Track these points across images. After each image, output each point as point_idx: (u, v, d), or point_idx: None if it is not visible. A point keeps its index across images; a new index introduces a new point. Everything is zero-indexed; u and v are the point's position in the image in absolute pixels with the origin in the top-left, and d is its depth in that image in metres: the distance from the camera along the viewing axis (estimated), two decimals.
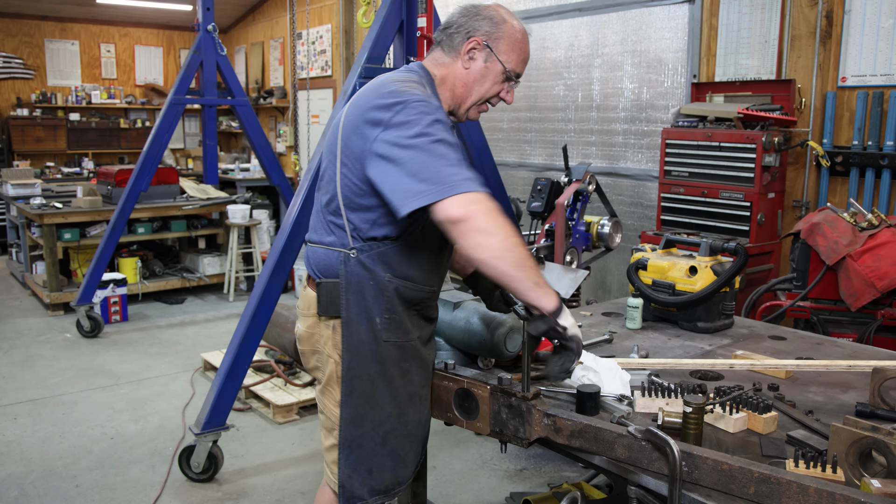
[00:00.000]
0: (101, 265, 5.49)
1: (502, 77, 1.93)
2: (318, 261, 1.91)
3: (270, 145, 6.27)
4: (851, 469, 1.49)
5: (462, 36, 1.91)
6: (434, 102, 1.76)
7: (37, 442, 3.78)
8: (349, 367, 1.88)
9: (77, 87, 9.84)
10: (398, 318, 1.87)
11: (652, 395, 1.88)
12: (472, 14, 1.93)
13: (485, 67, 1.91)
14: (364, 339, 1.86)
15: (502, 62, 1.91)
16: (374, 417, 1.89)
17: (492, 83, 1.93)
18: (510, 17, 1.95)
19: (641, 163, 5.06)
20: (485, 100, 1.96)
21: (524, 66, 1.98)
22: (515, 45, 1.93)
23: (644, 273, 2.75)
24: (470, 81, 1.93)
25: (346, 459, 1.92)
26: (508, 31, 1.91)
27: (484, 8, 1.93)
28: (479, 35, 1.90)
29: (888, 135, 3.71)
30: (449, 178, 1.61)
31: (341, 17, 7.92)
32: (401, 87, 1.77)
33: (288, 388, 4.27)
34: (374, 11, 3.66)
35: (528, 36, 1.97)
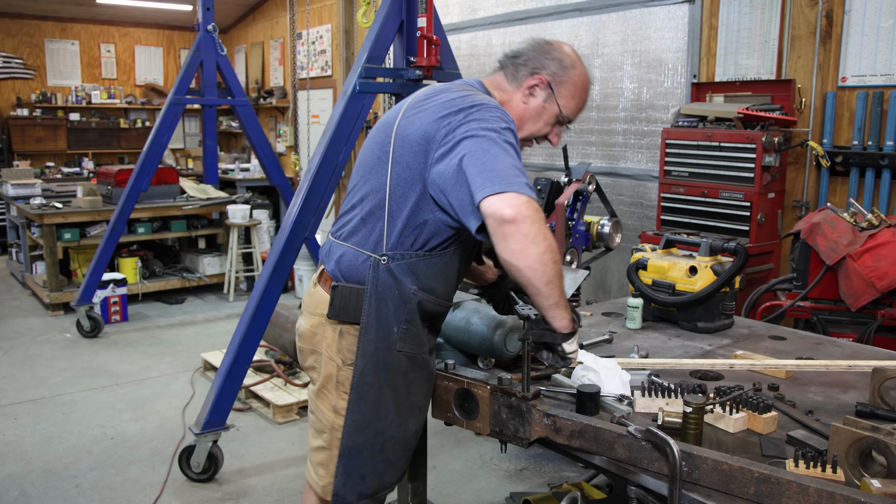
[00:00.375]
0: (101, 265, 5.49)
1: (555, 119, 1.92)
2: (347, 263, 1.86)
3: (270, 145, 6.27)
4: (851, 469, 1.49)
5: (528, 70, 1.91)
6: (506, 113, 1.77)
7: (37, 442, 3.78)
8: (362, 374, 1.86)
9: (77, 87, 9.84)
10: (415, 329, 1.87)
11: (652, 395, 1.88)
12: (544, 50, 1.91)
13: (542, 106, 1.91)
14: (379, 347, 1.85)
15: (560, 106, 1.90)
16: (377, 425, 1.89)
17: (544, 123, 1.93)
18: (579, 62, 1.92)
19: (641, 163, 5.06)
20: (533, 137, 1.95)
21: (579, 114, 1.96)
22: (577, 93, 1.91)
23: (644, 273, 2.75)
24: (525, 116, 1.92)
25: (344, 467, 1.91)
26: (574, 77, 1.90)
27: (557, 47, 1.91)
28: (545, 74, 1.89)
29: (888, 135, 3.71)
30: (513, 176, 1.62)
31: (341, 17, 7.92)
32: (474, 95, 1.79)
33: (288, 388, 4.27)
34: (374, 11, 3.66)
35: (592, 85, 1.96)
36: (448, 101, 1.77)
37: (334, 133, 3.25)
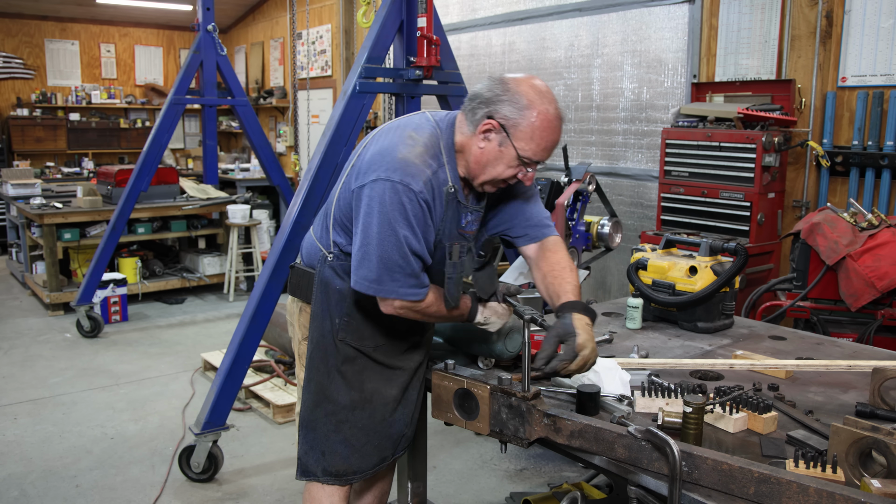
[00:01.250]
0: (101, 265, 5.49)
1: (517, 162, 1.84)
2: (308, 248, 2.08)
3: (270, 145, 6.27)
4: (851, 469, 1.49)
5: (482, 114, 1.83)
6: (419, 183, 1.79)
7: (37, 442, 3.78)
8: (311, 357, 2.03)
9: (77, 87, 9.84)
10: (355, 324, 1.98)
11: (652, 395, 1.88)
12: (497, 91, 1.82)
13: (499, 151, 1.83)
14: (325, 334, 2.00)
15: (517, 149, 1.81)
16: (327, 406, 2.01)
17: (505, 167, 1.85)
18: (540, 100, 1.80)
19: (641, 163, 5.06)
20: (499, 181, 1.89)
21: (547, 154, 1.85)
22: (535, 134, 1.80)
23: (644, 273, 2.75)
24: (483, 161, 1.86)
25: (304, 437, 2.06)
26: (531, 117, 1.78)
27: (513, 87, 1.80)
28: (498, 118, 1.81)
29: (888, 135, 3.71)
30: (383, 282, 1.81)
31: (341, 17, 7.92)
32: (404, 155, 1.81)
33: (288, 388, 4.27)
34: (374, 11, 3.66)
35: (561, 120, 1.85)
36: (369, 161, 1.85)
37: (334, 133, 3.25)
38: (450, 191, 1.87)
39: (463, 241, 1.95)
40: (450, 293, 1.92)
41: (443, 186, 1.86)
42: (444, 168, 1.87)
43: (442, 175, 1.86)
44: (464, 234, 1.98)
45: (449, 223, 1.91)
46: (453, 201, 1.89)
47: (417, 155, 1.82)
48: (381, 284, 1.82)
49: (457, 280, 1.95)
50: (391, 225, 1.77)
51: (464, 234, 1.98)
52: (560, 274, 2.00)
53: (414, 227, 1.79)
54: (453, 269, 1.92)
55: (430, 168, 1.83)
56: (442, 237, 1.90)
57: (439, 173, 1.85)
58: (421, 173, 1.80)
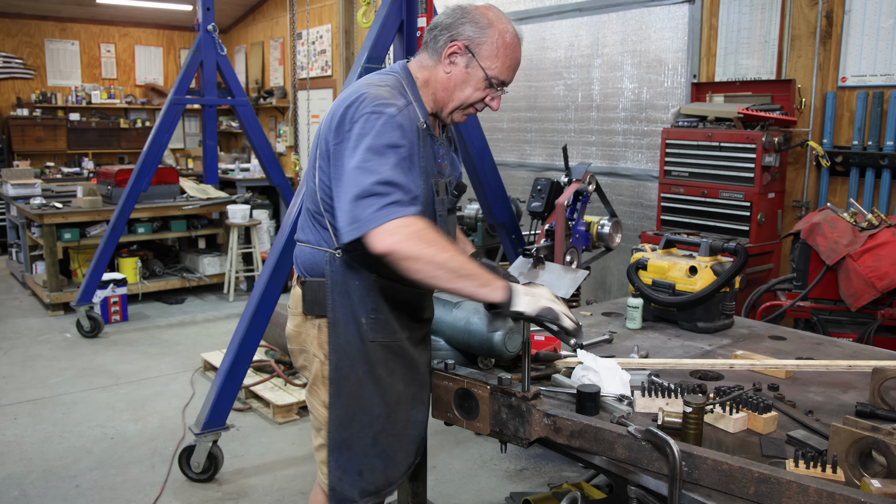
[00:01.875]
0: (101, 265, 5.49)
1: (484, 84, 1.86)
2: (305, 259, 1.93)
3: (270, 145, 6.27)
4: (851, 469, 1.49)
5: (445, 39, 1.86)
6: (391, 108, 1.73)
7: (37, 442, 3.78)
8: (336, 368, 1.88)
9: (77, 87, 9.84)
10: (384, 318, 1.88)
11: (652, 395, 1.88)
12: (457, 16, 1.86)
13: (465, 73, 1.85)
14: (351, 340, 1.87)
15: (483, 68, 1.84)
16: (362, 419, 1.89)
17: (473, 89, 1.87)
18: (499, 20, 1.86)
19: (641, 163, 5.06)
20: (467, 105, 1.90)
21: (512, 73, 1.89)
22: (500, 51, 1.84)
23: (644, 273, 2.75)
24: (451, 86, 1.88)
25: (336, 461, 1.91)
26: (493, 35, 1.83)
27: (472, 10, 1.86)
28: (462, 39, 1.84)
29: (888, 135, 3.71)
30: (370, 206, 1.63)
31: (341, 17, 7.92)
32: (368, 91, 1.77)
33: (288, 388, 4.27)
34: (374, 11, 3.66)
35: (520, 40, 1.89)
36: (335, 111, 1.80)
37: None
38: (422, 126, 1.84)
39: (440, 178, 1.93)
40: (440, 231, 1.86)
41: (415, 122, 1.82)
42: (411, 106, 1.84)
43: (412, 111, 1.83)
44: (440, 170, 1.94)
45: (427, 159, 1.88)
46: (427, 137, 1.87)
47: (386, 91, 1.79)
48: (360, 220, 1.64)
49: (444, 217, 1.93)
50: (361, 148, 1.68)
51: (440, 170, 1.94)
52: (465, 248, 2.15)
53: (395, 142, 1.70)
54: (442, 205, 1.91)
55: (400, 102, 1.79)
56: (426, 174, 1.87)
57: (410, 109, 1.82)
58: (392, 103, 1.75)
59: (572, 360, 2.19)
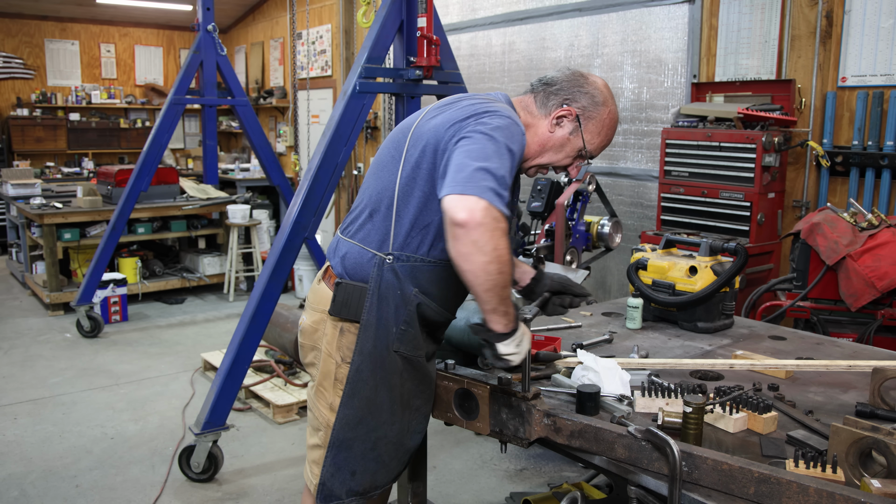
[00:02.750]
0: (101, 265, 5.49)
1: (577, 153, 1.93)
2: (351, 259, 1.88)
3: (270, 145, 6.27)
4: (851, 469, 1.49)
5: (559, 99, 1.90)
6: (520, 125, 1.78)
7: (37, 442, 3.78)
8: (358, 370, 1.87)
9: (77, 87, 9.84)
10: (414, 332, 1.88)
11: (652, 395, 1.88)
12: (577, 83, 1.91)
13: (567, 138, 1.91)
14: (378, 346, 1.86)
15: (585, 141, 1.90)
16: (370, 422, 1.90)
17: (566, 155, 1.93)
18: (611, 99, 1.93)
19: (641, 163, 5.06)
20: (551, 166, 1.96)
21: (602, 150, 1.97)
22: (604, 130, 1.92)
23: (644, 273, 2.75)
24: (548, 145, 1.92)
25: (333, 459, 1.93)
26: (604, 114, 1.91)
27: (591, 81, 1.91)
28: (576, 107, 1.89)
29: (888, 135, 3.71)
30: (482, 179, 1.59)
31: (341, 17, 7.92)
32: (493, 104, 1.81)
33: (288, 388, 4.27)
34: (374, 11, 3.66)
35: (618, 124, 1.97)
36: (465, 107, 1.79)
37: (334, 133, 3.25)
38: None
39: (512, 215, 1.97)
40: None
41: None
42: None
43: None
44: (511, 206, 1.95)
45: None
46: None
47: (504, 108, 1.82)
48: (474, 183, 1.59)
49: (512, 236, 1.94)
50: (497, 141, 1.67)
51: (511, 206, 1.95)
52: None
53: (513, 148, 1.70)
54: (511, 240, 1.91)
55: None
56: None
57: None
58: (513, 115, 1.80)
59: (572, 360, 2.19)
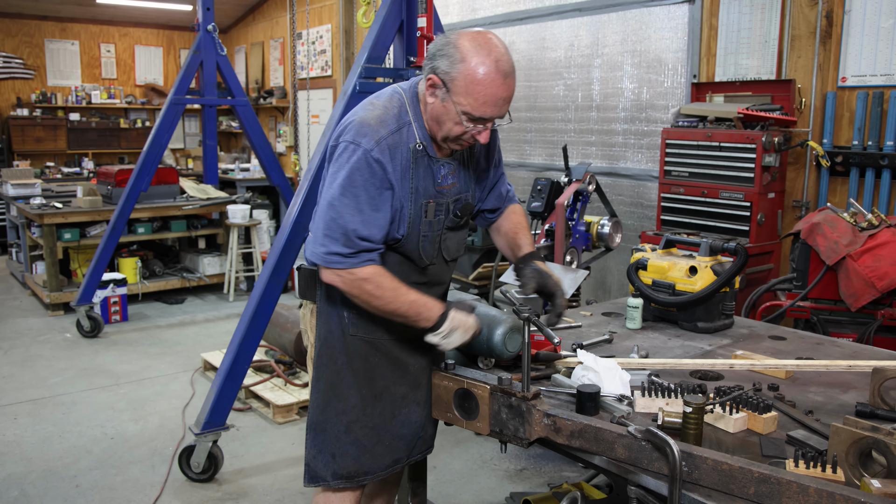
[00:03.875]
0: (101, 265, 5.49)
1: (462, 118, 1.79)
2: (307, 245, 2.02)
3: (270, 145, 6.27)
4: (851, 469, 1.49)
5: (427, 70, 1.82)
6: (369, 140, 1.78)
7: (37, 442, 3.78)
8: (319, 355, 1.99)
9: (77, 87, 9.84)
10: (367, 314, 1.92)
11: (652, 395, 1.88)
12: (438, 46, 1.81)
13: (443, 107, 1.80)
14: (333, 331, 1.97)
15: (455, 103, 1.77)
16: (337, 405, 1.98)
17: (453, 123, 1.81)
18: (474, 52, 1.74)
19: (641, 163, 5.06)
20: (452, 138, 1.85)
21: (491, 108, 1.78)
22: (471, 88, 1.74)
23: (644, 273, 2.75)
24: (435, 118, 1.85)
25: (312, 441, 2.02)
26: (465, 71, 1.74)
27: (452, 41, 1.78)
28: (438, 73, 1.78)
29: (888, 135, 3.71)
30: (319, 249, 1.81)
31: (341, 17, 7.92)
32: (357, 117, 1.84)
33: (288, 388, 4.27)
34: (374, 11, 3.66)
35: (501, 72, 1.76)
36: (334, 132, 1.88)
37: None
38: (417, 147, 1.85)
39: (440, 199, 1.93)
40: (424, 251, 1.95)
41: (408, 143, 1.85)
42: (409, 126, 1.86)
43: (407, 133, 1.86)
44: (442, 190, 1.94)
45: (423, 180, 1.88)
46: (423, 157, 1.87)
47: (374, 117, 1.83)
48: (318, 252, 1.82)
49: (432, 238, 1.95)
50: (332, 184, 1.81)
51: (442, 190, 1.94)
52: (518, 231, 2.17)
53: (356, 187, 1.78)
54: (429, 227, 1.92)
55: (387, 128, 1.82)
56: (417, 195, 1.88)
57: (402, 132, 1.85)
58: (374, 133, 1.80)
59: (572, 360, 2.19)
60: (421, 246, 1.93)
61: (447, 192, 1.96)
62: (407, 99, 1.89)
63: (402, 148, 1.84)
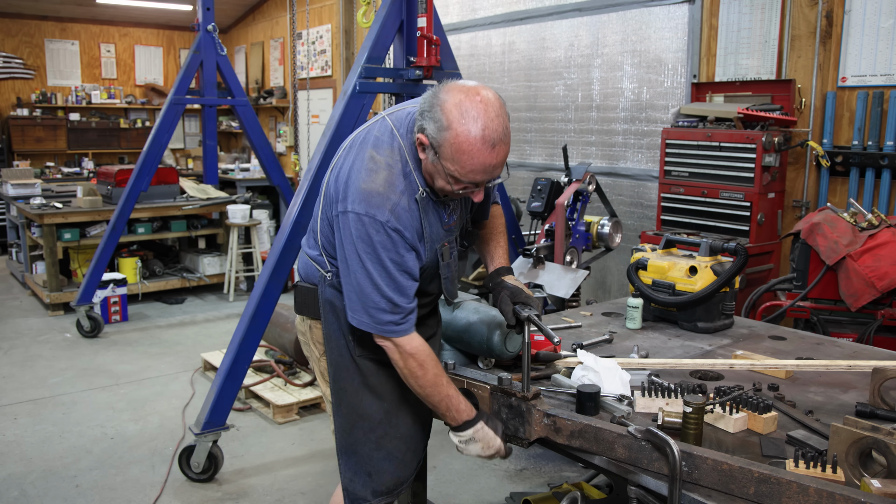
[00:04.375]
0: (101, 265, 5.49)
1: (452, 180, 1.72)
2: (303, 267, 2.03)
3: (270, 145, 6.27)
4: (851, 469, 1.49)
5: (417, 126, 1.74)
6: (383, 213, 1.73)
7: (37, 442, 3.78)
8: (335, 380, 1.98)
9: (77, 87, 9.84)
10: (369, 337, 1.87)
11: (652, 395, 1.88)
12: (427, 105, 1.71)
13: (433, 166, 1.73)
14: (343, 354, 1.95)
15: (444, 168, 1.70)
16: (363, 425, 1.96)
17: (444, 181, 1.74)
18: (460, 120, 1.64)
19: (641, 163, 5.06)
20: (447, 193, 1.78)
21: (478, 175, 1.70)
22: (457, 157, 1.67)
23: (644, 273, 2.75)
24: (428, 172, 1.78)
25: (346, 464, 2.00)
26: (450, 139, 1.65)
27: (440, 102, 1.68)
28: (425, 135, 1.70)
29: (888, 135, 3.71)
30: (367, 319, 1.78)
31: (341, 17, 7.92)
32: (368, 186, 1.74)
33: (288, 388, 4.27)
34: (374, 11, 3.66)
35: (488, 140, 1.66)
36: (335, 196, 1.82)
37: (334, 133, 3.25)
38: (421, 196, 1.79)
39: (449, 237, 1.93)
40: (448, 291, 1.96)
41: (414, 195, 1.79)
42: (411, 177, 1.79)
43: (411, 186, 1.79)
44: (450, 228, 1.93)
45: (433, 226, 1.85)
46: (428, 203, 1.82)
47: (381, 182, 1.75)
48: (376, 323, 1.78)
49: (452, 278, 1.96)
50: (361, 260, 1.75)
51: (450, 228, 1.93)
52: (493, 238, 2.17)
53: (384, 260, 1.74)
54: (447, 268, 1.92)
55: (396, 190, 1.76)
56: (432, 243, 1.86)
57: (408, 187, 1.78)
58: (385, 202, 1.73)
59: (572, 360, 2.19)
60: (444, 286, 1.95)
61: (454, 229, 1.96)
62: (405, 145, 1.81)
63: (410, 205, 1.78)
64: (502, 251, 2.15)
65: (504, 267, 2.09)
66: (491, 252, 2.15)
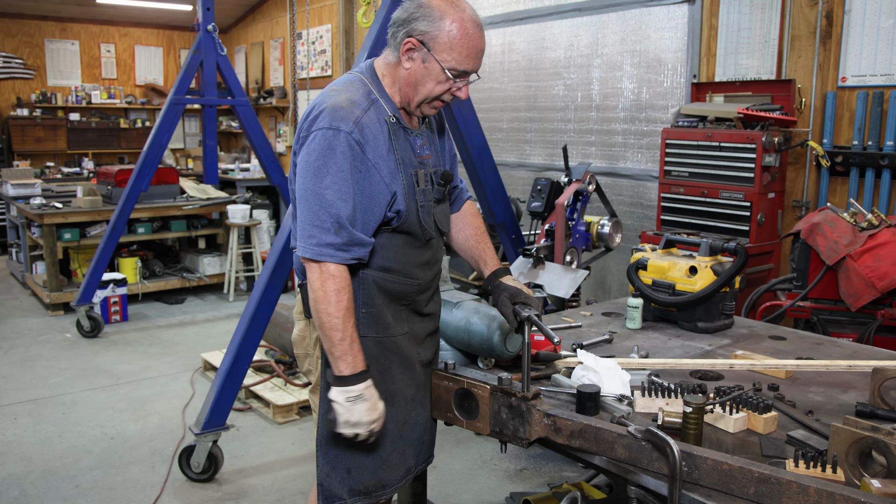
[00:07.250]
0: (101, 265, 5.49)
1: (444, 76, 1.83)
2: (298, 263, 1.96)
3: (270, 145, 6.27)
4: (851, 469, 1.49)
5: (401, 36, 1.84)
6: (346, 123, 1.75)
7: (37, 442, 3.78)
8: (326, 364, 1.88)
9: (77, 87, 9.84)
10: (376, 311, 1.87)
11: (652, 395, 1.88)
12: (411, 10, 1.83)
13: (424, 68, 1.83)
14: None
15: (439, 62, 1.81)
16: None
17: (435, 83, 1.84)
18: (452, 8, 1.81)
19: (641, 163, 5.06)
20: (433, 98, 1.88)
21: (473, 61, 1.84)
22: (455, 43, 1.80)
23: (644, 273, 2.75)
24: (412, 82, 1.86)
25: (324, 457, 1.92)
26: (447, 27, 1.79)
27: (424, 3, 1.82)
28: (416, 35, 1.81)
29: (888, 135, 3.71)
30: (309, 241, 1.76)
31: (341, 17, 7.93)
32: (327, 102, 1.80)
33: (288, 388, 4.27)
34: (374, 11, 3.66)
35: (479, 25, 1.84)
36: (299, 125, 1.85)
37: None
38: (391, 120, 1.85)
39: (423, 169, 1.93)
40: (426, 222, 1.91)
41: (382, 118, 1.84)
42: (378, 103, 1.86)
43: (378, 110, 1.85)
44: (422, 160, 1.94)
45: (403, 152, 1.88)
46: (399, 130, 1.87)
47: (345, 100, 1.80)
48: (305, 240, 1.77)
49: (428, 208, 1.92)
50: (316, 174, 1.76)
51: (422, 160, 1.94)
52: (481, 239, 2.16)
53: (342, 165, 1.75)
54: (423, 196, 1.91)
55: (360, 107, 1.81)
56: (405, 166, 1.87)
57: (374, 110, 1.84)
58: (349, 115, 1.77)
59: (572, 360, 2.19)
60: (421, 217, 1.90)
61: (427, 163, 1.95)
62: (367, 78, 1.90)
63: (378, 125, 1.83)
64: (492, 252, 2.13)
65: (500, 269, 2.07)
66: (481, 256, 2.12)
